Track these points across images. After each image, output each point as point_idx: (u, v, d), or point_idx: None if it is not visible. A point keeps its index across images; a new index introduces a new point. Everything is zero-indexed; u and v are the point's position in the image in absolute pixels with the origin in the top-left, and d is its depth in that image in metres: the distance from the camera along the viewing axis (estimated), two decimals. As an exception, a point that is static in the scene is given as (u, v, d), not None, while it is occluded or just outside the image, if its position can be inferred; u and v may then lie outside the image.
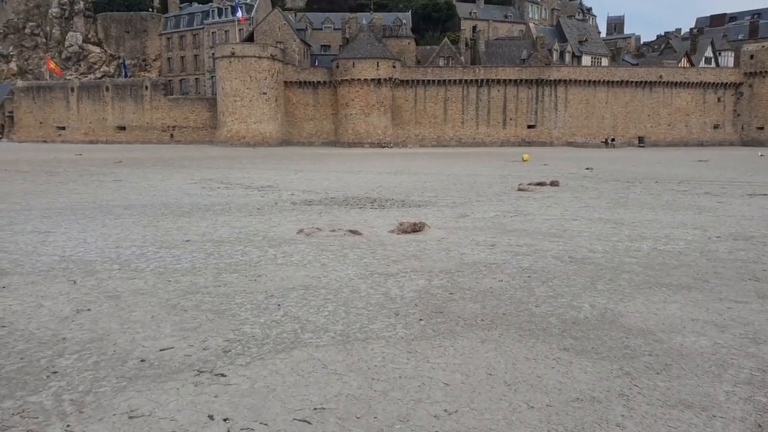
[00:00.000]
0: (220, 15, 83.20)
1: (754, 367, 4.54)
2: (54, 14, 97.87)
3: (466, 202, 15.43)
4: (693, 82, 75.67)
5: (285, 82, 72.50)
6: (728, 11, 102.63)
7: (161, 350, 4.82)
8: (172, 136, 77.57)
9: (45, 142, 78.09)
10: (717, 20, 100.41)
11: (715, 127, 77.09)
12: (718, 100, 76.73)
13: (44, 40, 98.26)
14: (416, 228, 10.44)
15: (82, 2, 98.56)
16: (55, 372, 4.38)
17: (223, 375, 4.33)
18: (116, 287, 6.74)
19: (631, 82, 74.81)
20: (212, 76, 79.46)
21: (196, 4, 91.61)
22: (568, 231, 10.80)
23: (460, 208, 14.28)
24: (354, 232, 10.24)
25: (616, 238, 10.05)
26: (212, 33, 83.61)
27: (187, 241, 9.66)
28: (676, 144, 75.17)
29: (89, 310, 5.89)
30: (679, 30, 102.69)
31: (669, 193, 18.23)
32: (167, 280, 7.06)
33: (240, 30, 77.80)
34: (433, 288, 6.75)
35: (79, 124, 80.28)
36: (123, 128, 79.17)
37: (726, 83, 76.32)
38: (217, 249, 8.98)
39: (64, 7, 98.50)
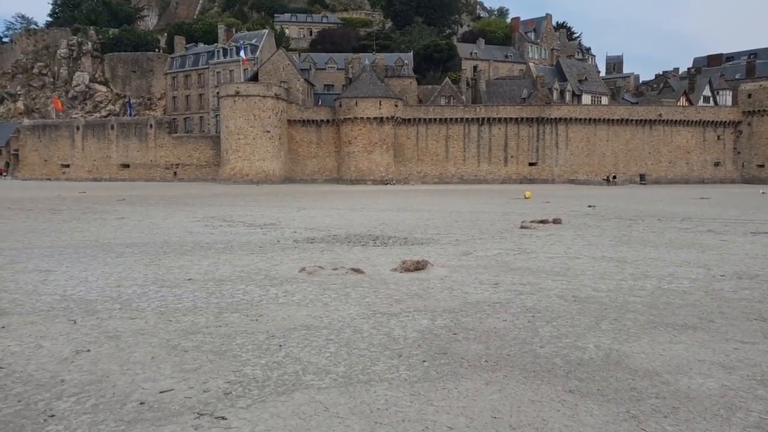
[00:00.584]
0: (225, 55, 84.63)
1: (763, 410, 4.46)
2: (62, 55, 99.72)
3: (468, 240, 15.41)
4: (692, 121, 76.35)
5: (288, 121, 73.33)
6: (725, 51, 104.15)
7: (161, 392, 4.75)
8: (175, 173, 78.10)
9: (49, 179, 78.64)
10: (714, 60, 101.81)
11: (716, 164, 77.45)
12: (718, 138, 77.30)
13: (52, 79, 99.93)
14: (419, 266, 10.41)
15: (90, 43, 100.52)
16: (53, 415, 4.31)
17: (223, 418, 4.26)
18: (117, 327, 6.69)
19: (632, 120, 75.50)
20: (216, 115, 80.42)
21: (201, 45, 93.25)
22: (571, 269, 10.75)
23: (463, 245, 14.25)
24: (356, 271, 10.21)
25: (619, 277, 10.00)
26: (217, 73, 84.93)
27: (189, 279, 9.63)
28: (678, 181, 75.40)
29: (89, 350, 5.84)
30: (677, 69, 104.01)
31: (672, 230, 18.20)
32: (168, 320, 7.02)
33: (244, 70, 79.04)
34: (437, 328, 6.69)
35: (83, 161, 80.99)
36: (127, 166, 79.82)
37: (725, 122, 76.99)
38: (219, 288, 8.94)
39: (73, 47, 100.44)
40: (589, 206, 30.13)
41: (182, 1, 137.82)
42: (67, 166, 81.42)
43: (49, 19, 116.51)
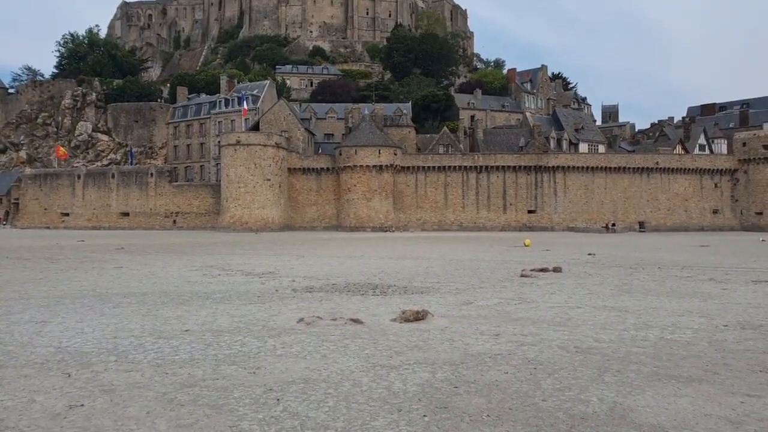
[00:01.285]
0: (227, 105, 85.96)
1: (774, 468, 4.34)
2: (66, 105, 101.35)
3: (469, 289, 15.31)
4: (689, 169, 77.04)
5: (289, 169, 73.94)
6: (718, 101, 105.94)
7: (155, 450, 4.63)
8: (174, 222, 78.25)
9: (48, 228, 78.67)
10: (708, 109, 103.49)
11: (714, 212, 77.73)
12: (715, 185, 77.83)
13: (55, 129, 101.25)
14: (419, 316, 10.31)
15: (94, 93, 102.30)
16: (43, 474, 4.18)
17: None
18: (112, 380, 6.57)
19: (629, 168, 76.17)
20: (217, 164, 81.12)
21: (204, 95, 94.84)
22: (572, 319, 10.65)
23: (463, 294, 14.15)
24: (355, 321, 10.10)
25: (621, 327, 9.90)
26: (219, 122, 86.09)
27: (186, 330, 9.52)
28: (677, 229, 75.51)
29: (83, 405, 5.72)
30: (671, 118, 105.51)
31: (673, 279, 18.11)
32: (164, 373, 6.90)
33: (245, 120, 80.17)
34: (437, 381, 6.57)
35: (83, 210, 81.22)
36: (126, 214, 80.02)
37: (721, 170, 77.69)
38: (216, 339, 8.83)
39: (77, 98, 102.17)
40: (589, 254, 30.07)
41: (186, 54, 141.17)
42: (67, 214, 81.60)
43: (55, 70, 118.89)
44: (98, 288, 15.60)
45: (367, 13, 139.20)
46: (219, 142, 77.21)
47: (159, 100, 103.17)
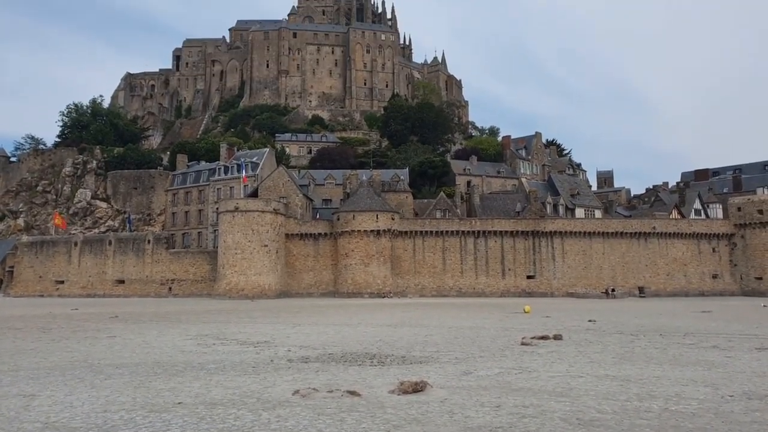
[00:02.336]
0: (226, 172, 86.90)
1: None
2: (67, 173, 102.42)
3: (468, 358, 15.03)
4: (686, 233, 77.30)
5: (286, 235, 73.97)
6: (710, 166, 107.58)
7: None
8: (170, 289, 77.58)
9: (41, 296, 77.83)
10: (701, 175, 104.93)
11: (714, 276, 77.46)
12: (713, 250, 77.89)
13: (54, 197, 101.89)
14: (418, 388, 10.06)
15: (95, 161, 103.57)
16: None
17: None
18: (98, 459, 6.32)
19: (626, 233, 76.40)
20: (215, 230, 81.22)
21: (203, 162, 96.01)
22: (574, 389, 10.40)
23: (463, 364, 13.87)
24: (352, 393, 9.84)
25: (624, 397, 9.65)
26: (218, 189, 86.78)
27: (179, 403, 9.25)
28: (677, 294, 75.04)
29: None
30: (666, 183, 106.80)
31: (675, 346, 17.83)
32: (153, 450, 6.64)
33: (244, 187, 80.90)
34: (436, 458, 6.33)
35: (78, 278, 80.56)
36: (122, 282, 79.38)
37: (718, 234, 77.96)
38: (210, 412, 8.57)
39: (78, 166, 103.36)
40: (590, 321, 29.73)
41: (187, 122, 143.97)
42: (62, 282, 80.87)
43: (58, 139, 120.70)
44: (90, 358, 15.28)
45: (365, 84, 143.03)
46: (217, 208, 77.60)
47: (159, 167, 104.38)
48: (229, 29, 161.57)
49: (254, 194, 78.21)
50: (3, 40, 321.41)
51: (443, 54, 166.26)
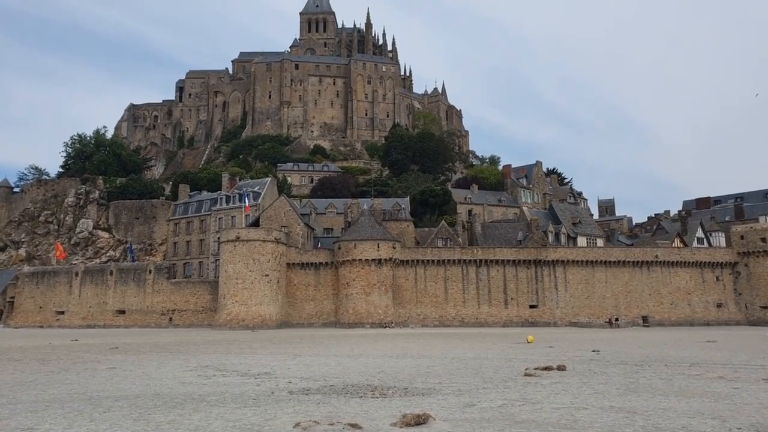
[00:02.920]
0: (227, 202, 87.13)
1: None
2: (69, 203, 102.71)
3: (471, 390, 14.84)
4: (689, 262, 77.03)
5: (287, 264, 73.79)
6: (712, 195, 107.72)
7: None
8: (171, 319, 77.12)
9: (41, 327, 77.35)
10: (703, 203, 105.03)
11: (719, 305, 76.93)
12: (717, 279, 77.50)
13: (56, 227, 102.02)
14: (420, 420, 9.92)
15: (97, 191, 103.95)
16: None
17: None
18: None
19: (629, 261, 76.14)
20: (216, 260, 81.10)
21: (205, 192, 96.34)
22: (579, 421, 10.24)
23: (466, 396, 13.69)
24: (354, 426, 9.70)
25: (630, 430, 9.50)
26: (219, 218, 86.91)
27: (177, 437, 9.11)
28: (682, 323, 74.48)
29: None
30: (668, 212, 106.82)
31: (680, 377, 17.61)
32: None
33: (246, 216, 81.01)
34: (440, 494, 6.20)
35: (78, 308, 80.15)
36: (122, 312, 78.96)
37: (722, 263, 77.68)
38: (209, 447, 8.42)
39: (80, 196, 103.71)
40: (594, 351, 29.44)
41: (189, 152, 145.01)
42: (62, 312, 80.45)
43: (61, 170, 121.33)
44: (89, 391, 15.11)
45: (366, 114, 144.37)
46: (219, 238, 77.59)
47: (161, 197, 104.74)
48: (232, 61, 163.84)
49: (256, 223, 78.30)
50: (9, 71, 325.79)
51: (443, 84, 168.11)
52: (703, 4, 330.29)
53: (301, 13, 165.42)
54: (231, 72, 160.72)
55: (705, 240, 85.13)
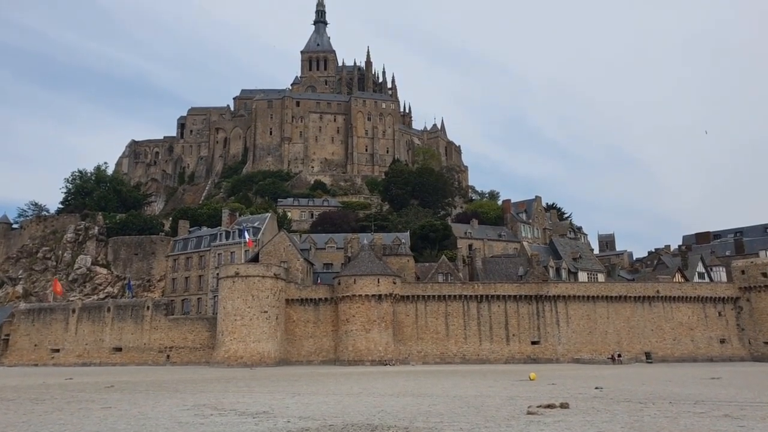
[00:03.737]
0: (227, 238, 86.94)
1: None
2: (68, 239, 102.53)
3: (473, 429, 14.50)
4: (691, 297, 76.51)
5: (286, 300, 73.19)
6: (711, 229, 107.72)
7: None
8: (168, 356, 76.11)
9: (36, 365, 76.26)
10: (702, 238, 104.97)
11: (722, 341, 76.09)
12: (719, 314, 76.83)
13: (54, 263, 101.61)
14: (421, 463, 9.62)
15: (96, 227, 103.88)
16: None
17: None
18: None
19: (630, 297, 75.62)
20: (215, 296, 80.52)
21: (205, 228, 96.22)
22: (585, 464, 9.93)
23: (467, 436, 13.36)
24: (353, 469, 9.40)
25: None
26: (218, 254, 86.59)
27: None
28: (685, 359, 73.57)
29: None
30: (668, 246, 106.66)
31: (686, 415, 17.25)
32: None
33: (246, 251, 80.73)
34: None
35: (74, 346, 79.06)
36: (119, 349, 77.94)
37: (723, 297, 77.14)
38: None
39: (80, 232, 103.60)
40: (597, 388, 28.98)
41: (189, 188, 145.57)
42: (57, 350, 79.34)
43: (61, 206, 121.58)
44: (83, 431, 14.75)
45: (366, 150, 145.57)
46: (218, 274, 77.16)
47: (160, 233, 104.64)
48: (234, 98, 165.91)
49: (255, 259, 77.98)
50: (12, 107, 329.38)
51: (442, 121, 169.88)
52: (700, 48, 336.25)
53: (302, 52, 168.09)
54: (232, 109, 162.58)
55: (706, 275, 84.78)
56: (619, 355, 71.04)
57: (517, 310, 74.53)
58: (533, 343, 73.83)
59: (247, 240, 79.77)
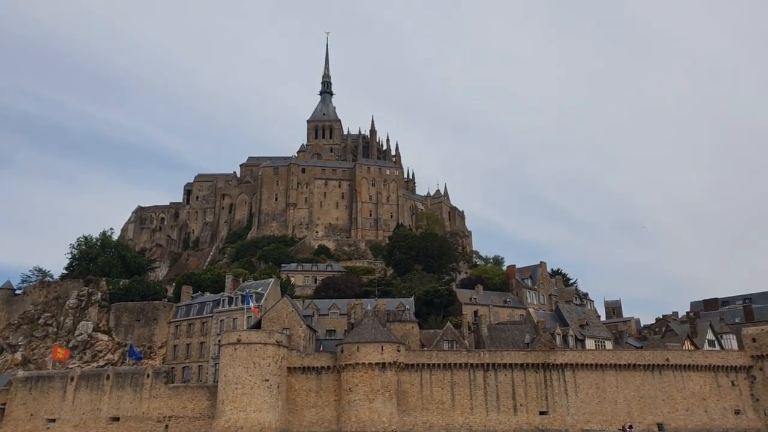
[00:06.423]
0: (230, 303, 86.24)
1: None
2: (71, 305, 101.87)
3: None
4: (702, 365, 74.68)
5: (288, 368, 71.70)
6: (719, 296, 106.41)
7: None
8: (167, 426, 73.87)
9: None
10: (711, 304, 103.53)
11: (737, 412, 73.55)
12: (732, 383, 74.70)
13: (55, 329, 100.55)
14: None
15: (99, 293, 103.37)
16: None
17: None
18: None
19: (639, 365, 73.88)
20: (216, 363, 79.06)
21: (208, 294, 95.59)
22: None
23: None
24: None
25: None
26: (221, 321, 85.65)
27: None
28: (699, 431, 71.07)
29: None
30: (676, 313, 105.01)
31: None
32: None
33: (248, 317, 79.89)
34: None
35: (71, 415, 76.81)
36: (116, 419, 75.66)
37: (736, 366, 75.22)
38: None
39: (82, 297, 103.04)
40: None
41: (194, 254, 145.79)
42: (53, 420, 77.04)
43: (65, 271, 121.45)
44: None
45: (370, 215, 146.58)
46: (219, 341, 76.04)
47: (163, 299, 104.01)
48: (240, 165, 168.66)
49: (257, 325, 77.03)
50: (16, 173, 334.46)
51: (445, 186, 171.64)
52: (705, 105, 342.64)
53: (308, 121, 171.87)
54: (239, 175, 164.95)
55: (716, 342, 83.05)
56: (630, 426, 68.85)
57: (524, 378, 72.79)
58: (541, 413, 71.66)
59: (252, 306, 79.15)
